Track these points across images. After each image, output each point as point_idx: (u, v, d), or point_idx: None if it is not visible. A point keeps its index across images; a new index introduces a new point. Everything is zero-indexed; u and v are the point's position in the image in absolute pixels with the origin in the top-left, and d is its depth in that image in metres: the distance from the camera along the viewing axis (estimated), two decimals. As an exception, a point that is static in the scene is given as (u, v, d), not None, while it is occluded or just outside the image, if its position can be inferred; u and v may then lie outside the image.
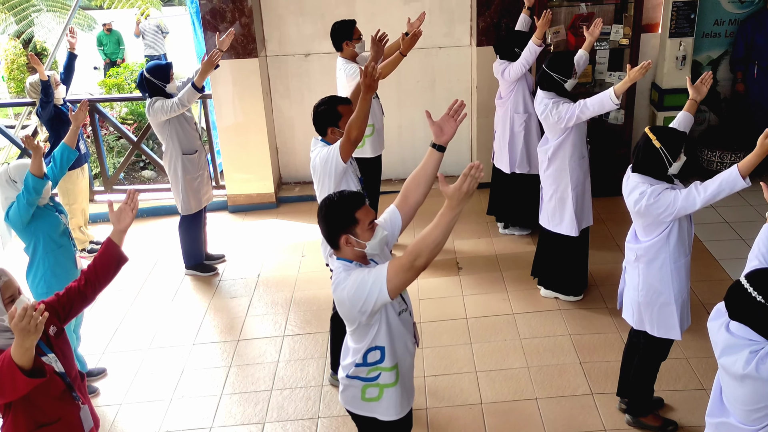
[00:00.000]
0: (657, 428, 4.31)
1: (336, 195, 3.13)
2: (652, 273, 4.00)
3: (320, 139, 4.46)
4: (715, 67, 7.57)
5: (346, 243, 3.07)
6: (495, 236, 6.69)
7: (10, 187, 4.47)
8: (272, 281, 6.30)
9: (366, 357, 3.21)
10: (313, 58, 7.55)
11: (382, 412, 3.33)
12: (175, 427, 4.68)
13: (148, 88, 5.84)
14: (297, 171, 7.99)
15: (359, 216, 3.05)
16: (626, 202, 4.03)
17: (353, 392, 3.34)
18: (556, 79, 5.14)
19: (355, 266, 3.09)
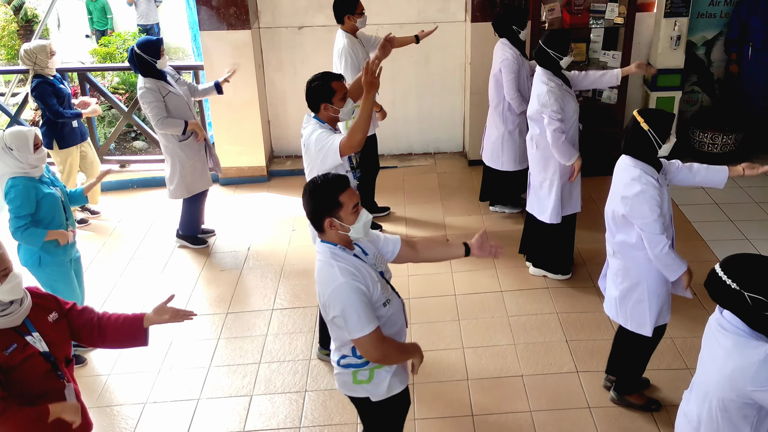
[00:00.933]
0: (641, 406, 4.37)
1: (320, 178, 3.12)
2: (630, 266, 4.03)
3: (313, 115, 4.44)
4: (710, 47, 7.56)
5: (330, 226, 3.07)
6: (485, 214, 6.70)
7: (6, 154, 4.44)
8: (262, 255, 6.31)
9: (354, 350, 3.23)
10: (306, 31, 7.50)
11: (374, 392, 3.35)
12: (162, 398, 4.71)
13: (139, 65, 5.78)
14: (289, 144, 7.96)
15: (343, 199, 3.05)
16: (614, 185, 4.04)
17: (345, 378, 3.36)
18: (551, 56, 5.12)
19: (341, 251, 3.10)
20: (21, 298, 3.03)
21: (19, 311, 3.02)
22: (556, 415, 4.37)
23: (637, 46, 7.24)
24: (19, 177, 4.49)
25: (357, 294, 3.02)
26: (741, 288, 2.65)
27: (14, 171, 4.49)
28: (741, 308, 2.67)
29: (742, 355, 2.63)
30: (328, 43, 7.37)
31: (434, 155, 7.99)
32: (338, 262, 3.07)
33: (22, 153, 4.43)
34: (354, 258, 3.14)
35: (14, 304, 3.00)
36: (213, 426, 4.46)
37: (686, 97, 7.66)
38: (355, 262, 3.11)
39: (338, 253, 3.10)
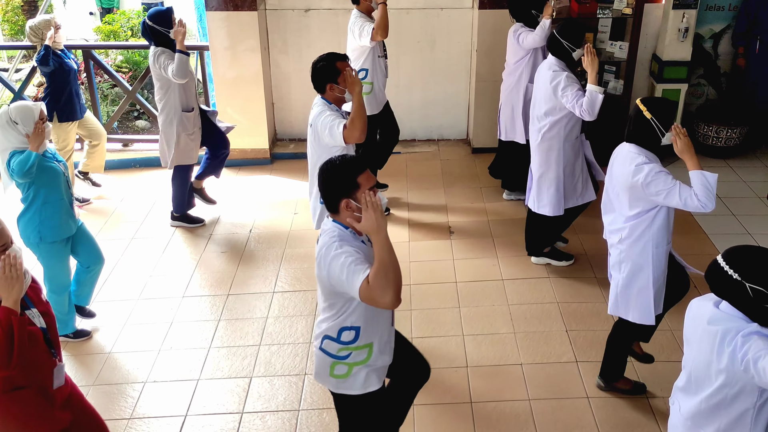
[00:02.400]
0: (627, 391, 4.41)
1: (338, 159, 3.10)
2: (633, 254, 4.02)
3: (320, 96, 4.44)
4: (717, 40, 7.53)
5: (346, 207, 3.05)
6: (488, 202, 6.70)
7: (11, 128, 4.42)
8: (264, 237, 6.31)
9: (340, 334, 3.22)
10: (312, 14, 7.46)
11: (351, 388, 3.33)
12: (162, 377, 4.73)
13: (153, 36, 5.80)
14: (292, 128, 7.94)
15: (361, 181, 3.04)
16: (614, 173, 4.03)
17: (322, 365, 3.34)
18: (564, 47, 5.09)
19: (350, 234, 3.09)
20: (24, 271, 3.04)
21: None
22: (554, 404, 4.39)
23: (645, 37, 7.21)
24: (22, 151, 4.47)
25: (353, 254, 2.98)
26: (743, 279, 2.65)
27: (17, 145, 4.48)
28: (741, 299, 2.67)
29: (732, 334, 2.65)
30: (334, 27, 7.37)
31: (438, 142, 7.98)
32: (340, 241, 3.05)
33: (27, 127, 4.42)
34: (360, 243, 3.13)
35: None
36: (212, 406, 4.48)
37: (692, 89, 7.64)
38: (360, 247, 3.10)
39: (344, 235, 3.09)
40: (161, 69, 5.78)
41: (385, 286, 2.85)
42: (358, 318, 3.19)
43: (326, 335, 3.28)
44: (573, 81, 5.00)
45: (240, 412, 4.42)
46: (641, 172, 3.80)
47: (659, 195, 3.78)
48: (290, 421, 4.35)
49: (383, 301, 2.88)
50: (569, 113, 5.09)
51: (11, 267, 2.88)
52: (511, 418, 4.30)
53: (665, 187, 3.76)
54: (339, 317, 3.20)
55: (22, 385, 3.08)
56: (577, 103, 4.92)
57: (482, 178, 7.10)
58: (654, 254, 3.97)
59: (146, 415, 4.44)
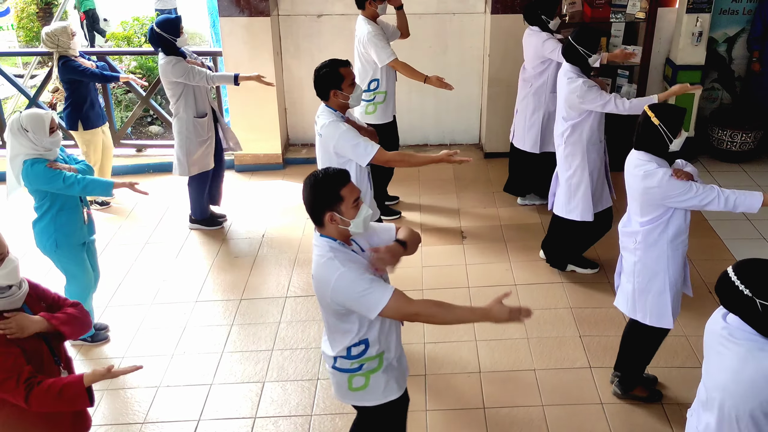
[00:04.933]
0: (644, 398, 4.37)
1: (321, 172, 3.09)
2: (649, 260, 3.99)
3: (324, 104, 4.45)
4: (731, 44, 7.49)
5: (330, 220, 3.04)
6: (500, 207, 6.68)
7: (22, 135, 4.44)
8: (276, 242, 6.32)
9: (350, 351, 3.21)
10: (325, 19, 7.48)
11: (371, 399, 3.32)
12: (175, 382, 4.74)
13: (160, 43, 5.82)
14: (305, 133, 7.96)
15: (344, 193, 3.02)
16: (626, 180, 4.01)
17: (340, 383, 3.33)
18: (580, 53, 5.07)
19: (340, 246, 3.08)
20: (20, 281, 3.07)
21: (18, 294, 3.05)
22: (568, 410, 4.36)
23: (658, 41, 7.18)
24: (34, 159, 4.49)
25: (361, 273, 2.99)
26: (753, 294, 2.58)
27: (28, 153, 4.49)
28: (751, 314, 2.61)
29: (758, 359, 2.57)
30: (347, 32, 7.37)
31: (450, 147, 7.96)
32: (337, 254, 3.04)
33: (38, 135, 4.43)
34: (352, 253, 3.11)
35: (13, 287, 3.04)
36: (225, 411, 4.48)
37: (706, 94, 7.60)
38: (353, 257, 3.09)
39: (336, 247, 3.07)
40: (176, 72, 5.81)
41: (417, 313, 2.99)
42: (366, 333, 3.17)
43: (337, 356, 3.27)
44: (591, 85, 4.99)
45: (253, 417, 4.42)
46: (655, 176, 3.77)
47: (677, 198, 3.76)
48: (303, 426, 4.35)
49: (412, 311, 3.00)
50: (588, 116, 5.06)
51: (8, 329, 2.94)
52: (525, 425, 4.28)
53: (681, 189, 3.74)
54: (347, 338, 3.18)
55: None
56: (608, 100, 4.91)
57: (495, 183, 7.09)
58: (670, 258, 3.94)
59: (159, 419, 4.45)
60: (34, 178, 4.46)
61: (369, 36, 5.85)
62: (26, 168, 4.48)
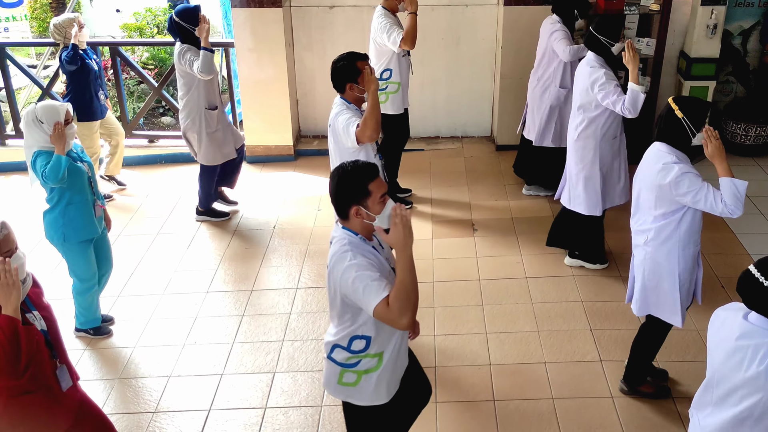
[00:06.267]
0: (651, 395, 4.36)
1: (350, 165, 3.07)
2: (659, 257, 3.96)
3: (341, 97, 4.45)
4: (746, 37, 7.42)
5: (356, 214, 3.03)
6: (512, 199, 6.66)
7: (37, 127, 4.46)
8: (287, 233, 6.33)
9: (350, 344, 3.17)
10: (337, 11, 7.46)
11: (359, 398, 3.28)
12: (186, 372, 4.76)
13: (179, 33, 5.85)
14: (316, 124, 7.96)
15: (372, 188, 3.01)
16: (642, 172, 3.98)
17: (331, 373, 3.29)
18: (603, 42, 5.03)
19: (360, 240, 3.07)
20: (25, 276, 3.10)
21: (22, 287, 3.05)
22: (578, 404, 4.36)
23: (672, 33, 7.12)
24: (46, 151, 4.51)
25: (369, 268, 2.96)
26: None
27: (42, 145, 4.51)
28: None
29: None
30: (359, 23, 7.36)
31: (461, 139, 7.95)
32: (353, 248, 3.02)
33: (52, 127, 4.46)
34: (371, 249, 3.10)
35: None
36: (235, 401, 4.50)
37: (720, 87, 7.53)
38: (372, 253, 3.08)
39: (355, 242, 3.05)
40: (186, 65, 5.82)
41: (405, 308, 2.84)
42: (370, 328, 3.13)
43: (336, 344, 3.22)
44: (611, 78, 4.93)
45: (263, 407, 4.44)
46: (670, 172, 3.75)
47: (686, 196, 3.73)
48: (313, 416, 4.36)
49: (400, 322, 2.87)
50: (605, 111, 5.02)
51: (6, 273, 2.90)
52: (534, 417, 4.27)
53: (693, 188, 3.71)
54: (351, 327, 3.15)
55: (30, 390, 3.09)
56: (618, 100, 4.86)
57: (506, 176, 7.07)
58: (681, 257, 3.91)
59: (170, 409, 4.48)
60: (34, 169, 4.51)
61: (382, 23, 5.86)
62: (33, 159, 4.52)
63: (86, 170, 4.70)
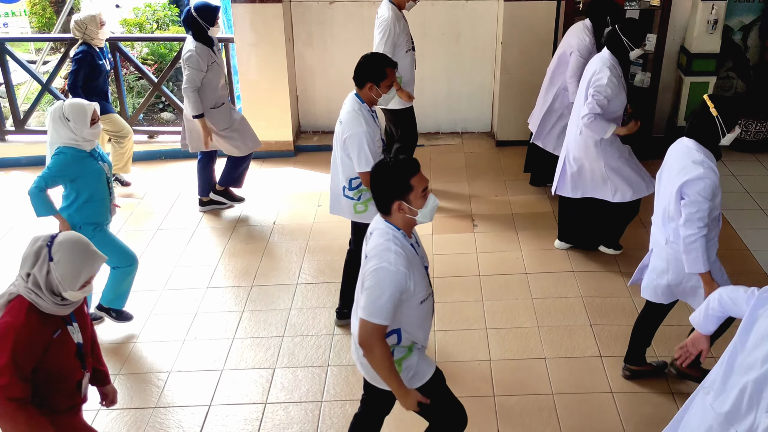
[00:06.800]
0: (650, 373, 4.43)
1: (391, 160, 3.09)
2: (680, 259, 3.91)
3: (355, 93, 4.44)
4: (746, 33, 7.41)
5: (398, 209, 3.05)
6: (512, 195, 6.66)
7: (63, 124, 4.47)
8: (287, 229, 6.33)
9: (392, 331, 3.19)
10: (337, 6, 7.45)
11: (410, 382, 3.30)
12: (187, 367, 4.76)
13: (192, 27, 5.87)
14: (316, 120, 7.95)
15: (414, 183, 3.03)
16: (666, 168, 3.95)
17: (370, 368, 3.30)
18: (624, 44, 5.01)
19: (402, 235, 3.09)
20: None
21: (71, 306, 3.08)
22: (578, 399, 4.36)
23: (673, 29, 7.11)
24: (69, 147, 4.51)
25: (395, 286, 3.00)
26: None
27: (66, 142, 4.52)
28: None
29: None
30: (359, 18, 7.36)
31: (462, 135, 7.94)
32: (397, 246, 3.05)
33: (78, 126, 4.46)
34: (410, 247, 3.12)
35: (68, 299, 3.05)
36: (236, 396, 4.51)
37: (721, 82, 7.52)
38: (411, 252, 3.10)
39: (399, 237, 3.08)
40: (187, 65, 5.85)
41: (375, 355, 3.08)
42: (399, 322, 3.16)
43: None
44: (610, 86, 4.91)
45: (263, 403, 4.45)
46: (693, 171, 3.71)
47: (684, 208, 3.74)
48: (313, 412, 4.37)
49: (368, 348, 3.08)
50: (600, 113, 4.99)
51: None
52: (534, 413, 4.28)
53: (693, 212, 3.71)
54: None
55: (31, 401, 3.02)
56: (590, 111, 4.89)
57: (506, 171, 7.07)
58: None
59: (171, 404, 4.48)
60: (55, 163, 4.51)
61: (385, 21, 5.83)
62: (55, 153, 4.53)
63: (105, 170, 4.72)
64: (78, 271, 2.97)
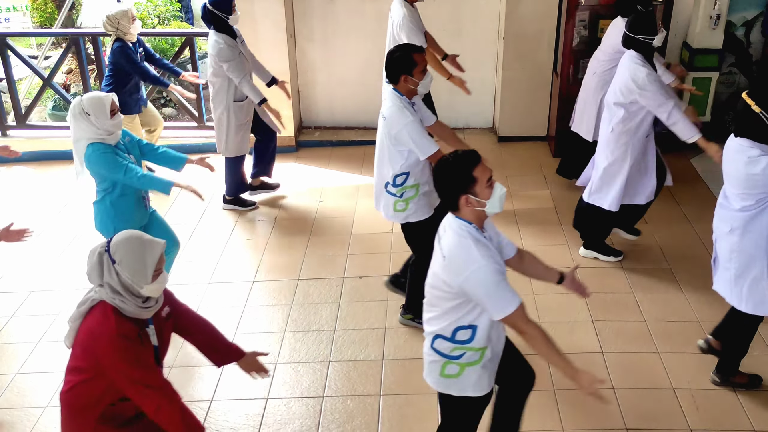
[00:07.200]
0: (744, 385, 4.34)
1: (451, 156, 3.07)
2: (746, 246, 3.90)
3: (392, 87, 4.42)
4: (749, 28, 7.39)
5: (466, 203, 3.03)
6: (514, 191, 6.64)
7: (84, 119, 4.44)
8: (289, 225, 6.33)
9: (455, 334, 3.15)
10: (339, 2, 7.44)
11: (459, 388, 3.27)
12: (188, 363, 4.74)
13: (212, 21, 5.89)
14: (318, 116, 7.95)
15: (477, 174, 3.00)
16: (725, 167, 3.94)
17: (433, 366, 3.29)
18: (642, 41, 4.98)
19: (475, 230, 3.05)
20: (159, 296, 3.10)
21: (154, 308, 3.06)
22: (579, 395, 4.26)
23: (675, 24, 7.10)
24: (98, 143, 4.50)
25: (498, 275, 2.97)
26: None
27: (90, 137, 4.49)
28: None
29: None
30: (360, 14, 7.35)
31: (463, 130, 7.94)
32: (476, 242, 3.01)
33: (99, 118, 4.44)
34: (487, 240, 3.09)
35: (152, 299, 3.05)
36: (238, 392, 4.51)
37: (723, 78, 7.51)
38: (486, 245, 3.06)
39: (474, 233, 3.04)
40: (219, 62, 5.90)
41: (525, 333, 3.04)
42: (477, 317, 3.11)
43: (438, 334, 3.21)
44: (653, 80, 4.88)
45: (265, 398, 4.45)
46: (757, 165, 3.70)
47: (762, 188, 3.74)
48: (315, 407, 4.37)
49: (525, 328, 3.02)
50: (642, 109, 4.97)
51: None
52: (537, 409, 4.27)
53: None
54: (456, 316, 3.12)
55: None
56: (663, 106, 4.84)
57: (508, 167, 7.06)
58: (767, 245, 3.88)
59: (172, 399, 4.48)
60: (96, 162, 4.47)
61: (404, 20, 5.88)
62: (88, 153, 4.49)
63: (134, 163, 4.71)
64: (142, 262, 2.95)
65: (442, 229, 3.19)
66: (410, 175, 4.47)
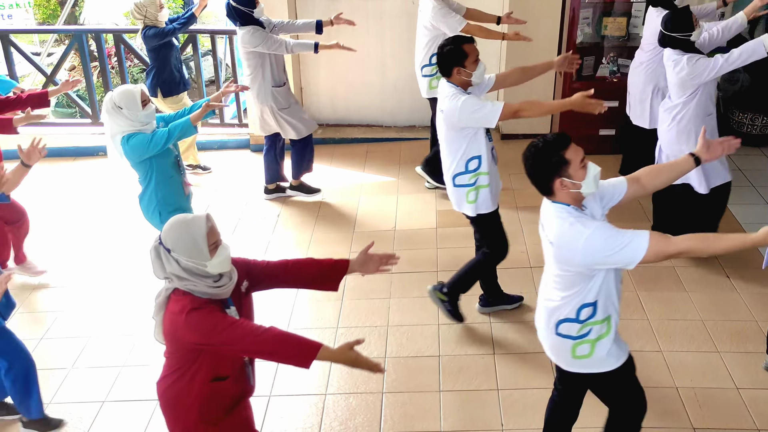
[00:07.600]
0: None
1: (540, 140, 3.04)
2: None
3: (446, 80, 4.42)
4: (753, 25, 7.37)
5: (561, 186, 3.01)
6: (516, 188, 6.64)
7: (118, 113, 4.48)
8: (290, 222, 6.33)
9: (579, 313, 3.14)
10: None
11: (597, 366, 3.26)
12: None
13: (238, 17, 5.91)
14: (320, 113, 7.94)
15: (569, 156, 2.98)
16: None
17: (563, 351, 3.27)
18: (680, 39, 4.96)
19: (574, 210, 3.03)
20: (230, 271, 2.98)
21: (229, 285, 2.95)
22: (582, 393, 4.35)
23: (679, 22, 7.06)
24: (135, 133, 4.54)
25: (610, 229, 2.93)
26: None
27: (125, 129, 4.54)
28: None
29: None
30: (364, 11, 7.34)
31: (466, 128, 7.91)
32: (578, 218, 2.99)
33: (132, 111, 4.48)
34: (589, 216, 3.06)
35: (224, 277, 2.94)
36: (240, 390, 4.51)
37: (727, 76, 7.47)
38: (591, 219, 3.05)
39: (574, 212, 3.02)
40: (254, 41, 5.90)
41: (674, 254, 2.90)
42: (596, 293, 3.10)
43: (562, 319, 3.20)
44: (696, 59, 4.87)
45: (268, 396, 4.45)
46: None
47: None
48: (317, 405, 4.37)
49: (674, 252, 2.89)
50: (695, 93, 4.98)
51: None
52: (539, 407, 4.26)
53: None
54: (577, 297, 3.12)
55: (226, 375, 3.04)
56: (720, 60, 4.80)
57: (511, 165, 6.99)
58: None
59: (175, 396, 4.49)
60: (131, 151, 4.53)
61: (435, 10, 5.90)
62: (123, 144, 4.54)
63: (173, 150, 4.74)
64: (193, 241, 2.85)
65: (543, 218, 3.19)
66: (482, 159, 4.49)
